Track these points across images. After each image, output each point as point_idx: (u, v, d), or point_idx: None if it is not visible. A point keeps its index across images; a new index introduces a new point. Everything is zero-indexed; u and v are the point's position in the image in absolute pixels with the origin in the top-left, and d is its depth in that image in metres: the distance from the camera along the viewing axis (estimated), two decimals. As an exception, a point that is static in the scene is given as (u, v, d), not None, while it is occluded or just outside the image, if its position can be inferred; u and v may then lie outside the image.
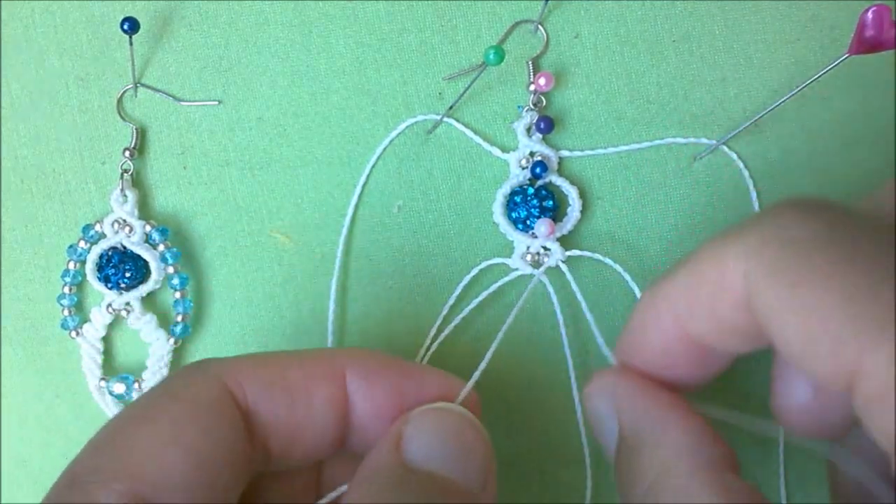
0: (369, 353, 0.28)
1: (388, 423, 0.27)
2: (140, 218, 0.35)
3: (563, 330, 0.34)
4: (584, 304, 0.32)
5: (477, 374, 0.29)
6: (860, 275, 0.20)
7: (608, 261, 0.34)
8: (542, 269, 0.34)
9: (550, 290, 0.34)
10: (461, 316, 0.34)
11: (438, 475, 0.26)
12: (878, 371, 0.19)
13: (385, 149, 0.35)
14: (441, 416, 0.27)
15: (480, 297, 0.34)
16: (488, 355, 0.29)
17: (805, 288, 0.21)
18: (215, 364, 0.27)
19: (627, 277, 0.34)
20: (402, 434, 0.26)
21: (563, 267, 0.34)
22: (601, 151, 0.35)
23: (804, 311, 0.21)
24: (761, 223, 0.23)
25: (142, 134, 0.35)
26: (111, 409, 0.35)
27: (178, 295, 0.35)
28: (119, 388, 0.35)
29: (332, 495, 0.28)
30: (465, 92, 0.33)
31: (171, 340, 0.35)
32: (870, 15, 0.27)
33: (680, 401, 0.26)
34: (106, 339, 0.35)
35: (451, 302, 0.35)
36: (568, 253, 0.34)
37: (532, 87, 0.34)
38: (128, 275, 0.34)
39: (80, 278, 0.35)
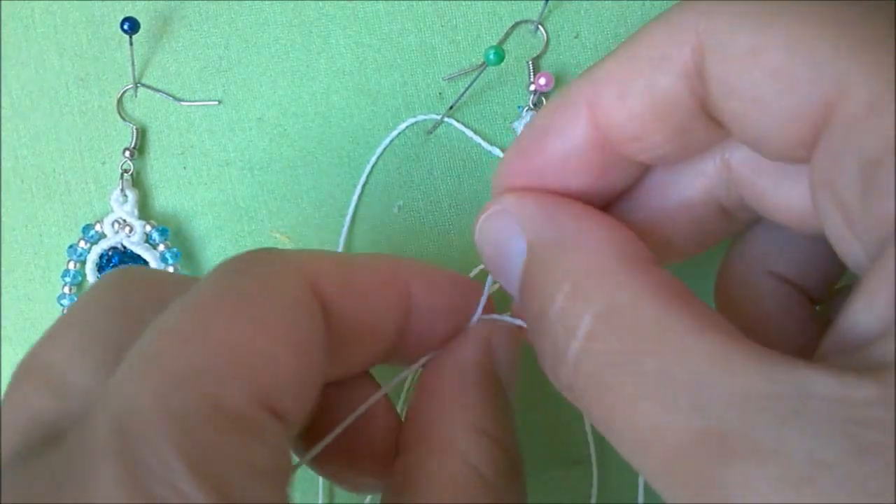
0: (427, 265, 0.28)
1: (442, 335, 0.27)
2: (140, 218, 0.35)
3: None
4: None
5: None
6: (840, 8, 0.18)
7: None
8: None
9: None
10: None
11: (505, 389, 0.27)
12: (864, 88, 0.17)
13: (385, 149, 0.35)
14: (515, 333, 0.28)
15: (481, 297, 0.34)
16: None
17: (782, 23, 0.19)
18: (293, 256, 0.24)
19: None
20: (492, 344, 0.27)
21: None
22: (601, 151, 0.35)
23: (781, 45, 0.19)
24: None
25: (142, 134, 0.35)
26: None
27: (178, 295, 0.35)
28: (119, 388, 0.35)
29: (417, 365, 0.28)
30: (465, 92, 0.33)
31: (172, 340, 0.35)
32: (870, 15, 0.27)
33: (590, 207, 0.24)
34: (106, 339, 0.35)
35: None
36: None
37: (532, 87, 0.34)
38: (128, 275, 0.34)
39: (80, 278, 0.35)
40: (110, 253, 0.35)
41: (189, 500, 0.17)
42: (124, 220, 0.35)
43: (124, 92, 0.35)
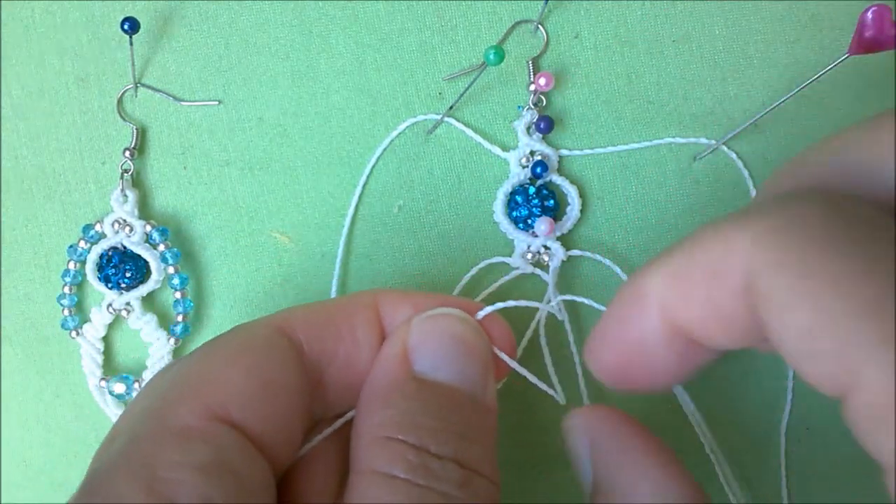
0: (395, 290, 0.30)
1: None
2: (140, 218, 0.35)
3: (568, 328, 0.34)
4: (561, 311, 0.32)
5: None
6: (873, 283, 0.19)
7: (607, 261, 0.34)
8: (552, 275, 0.34)
9: (552, 290, 0.34)
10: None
11: (445, 384, 0.27)
12: (876, 384, 0.19)
13: (385, 149, 0.35)
14: (441, 322, 0.28)
15: (481, 297, 0.34)
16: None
17: (813, 283, 0.20)
18: (265, 317, 0.28)
19: (626, 279, 0.34)
20: (407, 345, 0.27)
21: (551, 274, 0.34)
22: (601, 151, 0.35)
23: (809, 307, 0.20)
24: (771, 210, 0.22)
25: (142, 134, 0.35)
26: (111, 410, 0.35)
27: (178, 295, 0.35)
28: (119, 388, 0.35)
29: (342, 421, 0.28)
30: (465, 92, 0.33)
31: (172, 340, 0.35)
32: (870, 15, 0.27)
33: (654, 446, 0.26)
34: (106, 339, 0.35)
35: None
36: (569, 253, 0.34)
37: (532, 87, 0.34)
38: (128, 275, 0.34)
39: (80, 278, 0.35)
40: (110, 253, 0.35)
41: (118, 493, 0.23)
42: (124, 220, 0.35)
43: (124, 92, 0.35)
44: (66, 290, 0.35)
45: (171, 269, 0.35)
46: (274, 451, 0.26)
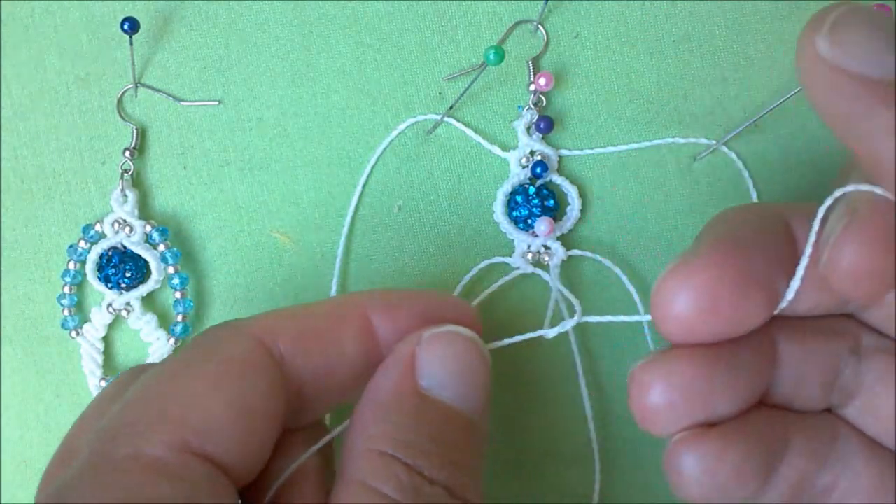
0: (387, 290, 0.29)
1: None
2: (140, 218, 0.35)
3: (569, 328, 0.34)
4: (566, 307, 0.32)
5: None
6: None
7: (607, 262, 0.34)
8: (554, 274, 0.34)
9: (553, 290, 0.34)
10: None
11: (447, 405, 0.26)
12: None
13: (385, 149, 0.35)
14: (452, 340, 0.27)
15: (482, 296, 0.34)
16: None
17: None
18: (244, 322, 0.27)
19: (625, 279, 0.34)
20: (415, 359, 0.27)
21: (554, 274, 0.34)
22: (601, 151, 0.35)
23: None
24: None
25: (142, 134, 0.35)
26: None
27: (178, 295, 0.35)
28: (119, 388, 0.35)
29: (340, 429, 0.28)
30: (465, 92, 0.33)
31: (171, 340, 0.35)
32: (870, 15, 0.27)
33: None
34: (106, 339, 0.35)
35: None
36: (569, 253, 0.34)
37: (532, 87, 0.34)
38: (128, 275, 0.34)
39: (80, 278, 0.35)
40: (110, 253, 0.35)
41: None
42: (124, 220, 0.35)
43: (124, 92, 0.35)
44: (66, 290, 0.35)
45: (171, 269, 0.35)
46: (244, 474, 0.25)
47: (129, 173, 0.35)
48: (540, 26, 0.34)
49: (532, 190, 0.34)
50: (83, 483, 0.22)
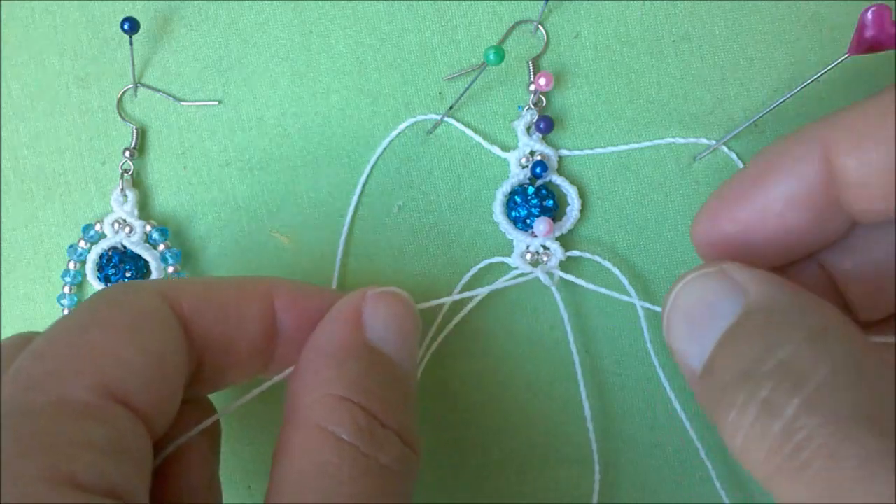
0: (293, 280, 0.30)
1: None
2: (140, 218, 0.35)
3: (568, 328, 0.34)
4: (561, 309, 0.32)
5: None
6: None
7: (607, 263, 0.34)
8: (551, 273, 0.34)
9: (553, 289, 0.34)
10: (461, 315, 0.34)
11: (391, 358, 0.28)
12: None
13: (385, 149, 0.35)
14: (394, 300, 0.29)
15: (481, 296, 0.34)
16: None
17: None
18: (147, 283, 0.28)
19: (625, 280, 0.34)
20: (362, 313, 0.28)
21: (555, 277, 0.34)
22: (601, 151, 0.35)
23: None
24: None
25: (142, 134, 0.35)
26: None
27: (178, 295, 0.35)
28: (119, 387, 0.35)
29: (280, 376, 0.29)
30: (465, 92, 0.33)
31: (171, 340, 0.35)
32: (870, 15, 0.27)
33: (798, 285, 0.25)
34: (106, 339, 0.35)
35: (450, 302, 0.35)
36: (567, 253, 0.34)
37: (532, 87, 0.34)
38: (128, 275, 0.34)
39: (80, 278, 0.35)
40: (110, 253, 0.35)
41: (16, 470, 0.21)
42: (124, 220, 0.35)
43: (124, 92, 0.35)
44: (66, 290, 0.35)
45: (171, 269, 0.35)
46: (156, 428, 0.26)
47: (129, 173, 0.35)
48: (540, 26, 0.34)
49: (531, 190, 0.34)
50: (5, 434, 0.22)
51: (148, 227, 0.35)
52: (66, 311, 0.35)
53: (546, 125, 0.34)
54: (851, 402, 0.21)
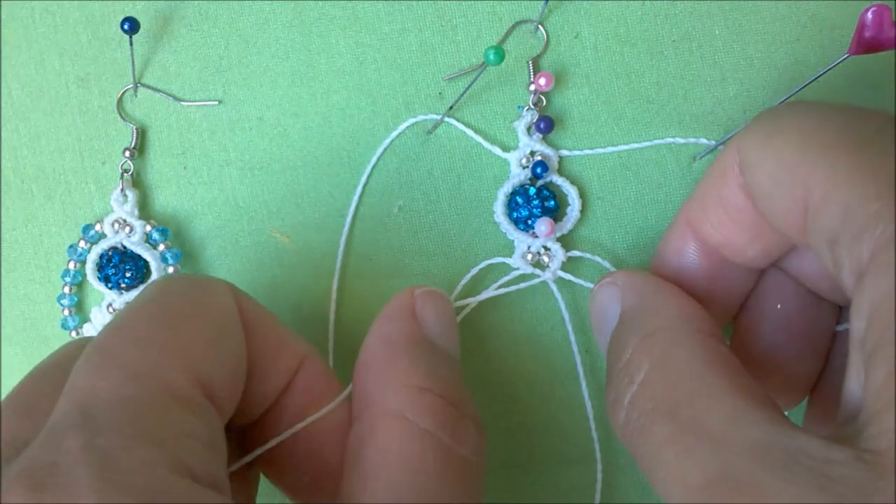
0: (323, 365, 0.31)
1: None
2: (140, 218, 0.35)
3: (569, 328, 0.34)
4: (565, 309, 0.32)
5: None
6: (829, 131, 0.24)
7: (606, 264, 0.34)
8: (549, 273, 0.34)
9: (555, 290, 0.34)
10: (461, 315, 0.34)
11: (448, 351, 0.30)
12: (824, 184, 0.23)
13: (385, 149, 0.35)
14: (439, 298, 0.31)
15: (481, 297, 0.34)
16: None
17: (775, 138, 0.25)
18: (222, 282, 0.28)
19: None
20: (415, 309, 0.30)
21: (553, 278, 0.34)
22: (601, 151, 0.35)
23: (775, 153, 0.25)
24: (755, 119, 0.27)
25: (142, 134, 0.35)
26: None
27: (178, 295, 0.35)
28: (119, 388, 0.35)
29: (342, 396, 0.29)
30: (465, 92, 0.33)
31: (172, 340, 0.35)
32: (869, 15, 0.27)
33: (680, 290, 0.29)
34: (106, 339, 0.35)
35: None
36: (568, 254, 0.34)
37: (532, 87, 0.34)
38: (128, 275, 0.34)
39: (80, 278, 0.35)
40: (110, 253, 0.35)
41: (139, 458, 0.21)
42: (124, 220, 0.35)
43: (124, 92, 0.35)
44: (66, 290, 0.35)
45: (171, 269, 0.35)
46: (226, 418, 0.26)
47: (129, 173, 0.35)
48: (540, 26, 0.34)
49: (532, 191, 0.34)
50: (118, 420, 0.21)
51: (148, 227, 0.35)
52: (66, 312, 0.35)
53: (546, 125, 0.34)
54: (655, 397, 0.24)
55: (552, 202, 0.34)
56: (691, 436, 0.23)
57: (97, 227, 0.35)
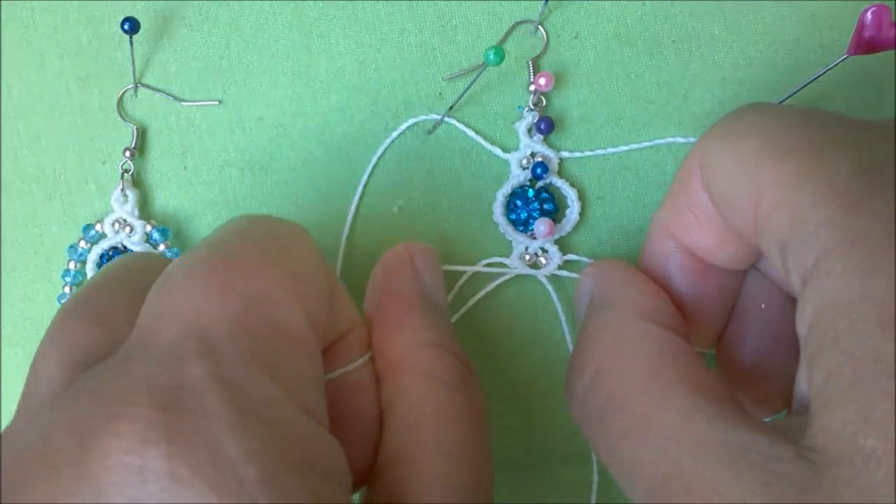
0: (367, 338, 0.30)
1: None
2: (140, 218, 0.35)
3: (565, 328, 0.34)
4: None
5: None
6: (780, 132, 0.24)
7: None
8: (541, 272, 0.34)
9: (550, 289, 0.34)
10: (459, 314, 0.34)
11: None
12: (774, 187, 0.23)
13: (385, 149, 0.35)
14: (433, 255, 0.32)
15: (478, 296, 0.34)
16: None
17: (732, 140, 0.25)
18: (304, 229, 0.27)
19: None
20: (418, 275, 0.31)
21: (547, 275, 0.34)
22: (601, 152, 0.35)
23: (732, 155, 0.25)
24: (718, 120, 0.27)
25: (142, 134, 0.35)
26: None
27: (178, 295, 0.35)
28: (119, 387, 0.35)
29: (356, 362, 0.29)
30: (465, 92, 0.33)
31: (172, 340, 0.35)
32: (869, 15, 0.27)
33: (651, 281, 0.29)
34: (106, 339, 0.35)
35: (449, 300, 0.35)
36: (565, 257, 0.34)
37: (532, 88, 0.34)
38: (128, 275, 0.34)
39: (80, 278, 0.35)
40: (110, 253, 0.35)
41: (265, 390, 0.20)
42: (125, 220, 0.35)
43: (124, 92, 0.35)
44: (66, 290, 0.35)
45: (171, 269, 0.35)
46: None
47: (130, 173, 0.35)
48: (540, 26, 0.34)
49: (531, 193, 0.34)
50: (240, 350, 0.21)
51: (148, 227, 0.35)
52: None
53: (546, 126, 0.34)
54: (606, 393, 0.25)
55: (550, 205, 0.34)
56: (643, 433, 0.23)
57: (97, 227, 0.35)
